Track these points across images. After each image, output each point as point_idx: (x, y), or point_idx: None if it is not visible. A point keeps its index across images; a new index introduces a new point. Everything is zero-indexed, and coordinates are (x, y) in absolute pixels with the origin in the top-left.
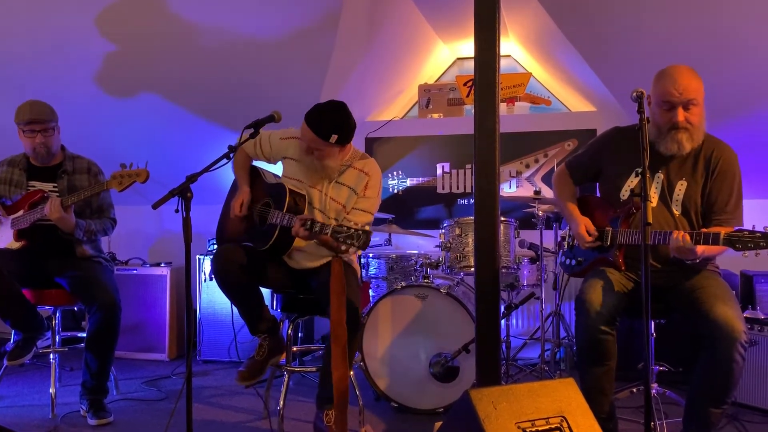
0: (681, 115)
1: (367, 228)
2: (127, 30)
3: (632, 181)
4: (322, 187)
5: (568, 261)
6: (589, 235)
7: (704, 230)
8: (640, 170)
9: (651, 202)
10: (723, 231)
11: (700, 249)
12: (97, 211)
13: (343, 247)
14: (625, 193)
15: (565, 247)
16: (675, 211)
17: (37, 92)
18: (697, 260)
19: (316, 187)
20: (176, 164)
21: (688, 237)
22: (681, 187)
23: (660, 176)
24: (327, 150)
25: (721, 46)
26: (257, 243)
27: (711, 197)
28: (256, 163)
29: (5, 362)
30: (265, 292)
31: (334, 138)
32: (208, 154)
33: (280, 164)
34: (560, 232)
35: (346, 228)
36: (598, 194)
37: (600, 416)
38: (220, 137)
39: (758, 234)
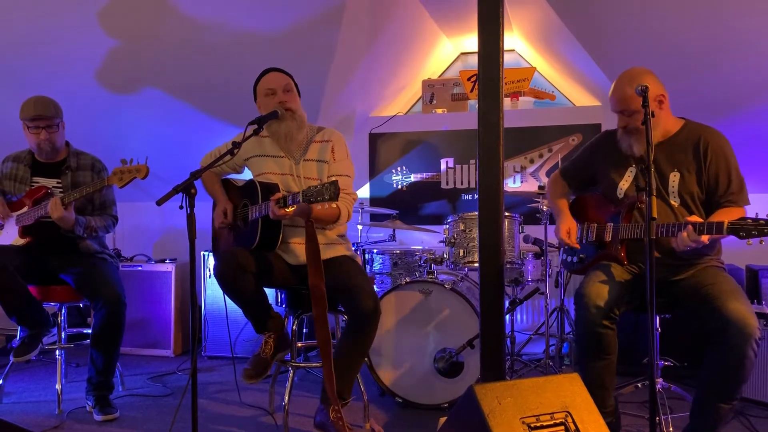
0: (620, 122)
1: (333, 179)
2: (129, 25)
3: (627, 180)
4: (294, 171)
5: (569, 258)
6: (569, 238)
7: (708, 219)
8: (632, 168)
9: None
10: (726, 219)
11: (706, 237)
12: (99, 208)
13: (319, 207)
14: (621, 192)
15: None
16: (673, 203)
17: (39, 86)
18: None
19: (287, 173)
20: (180, 160)
21: (691, 228)
22: (674, 179)
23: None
24: (292, 92)
25: (724, 41)
26: (247, 243)
27: (711, 184)
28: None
29: (11, 359)
30: (269, 289)
31: (291, 78)
32: (211, 150)
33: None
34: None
35: (313, 187)
36: None
37: (602, 410)
38: (224, 133)
39: (762, 221)
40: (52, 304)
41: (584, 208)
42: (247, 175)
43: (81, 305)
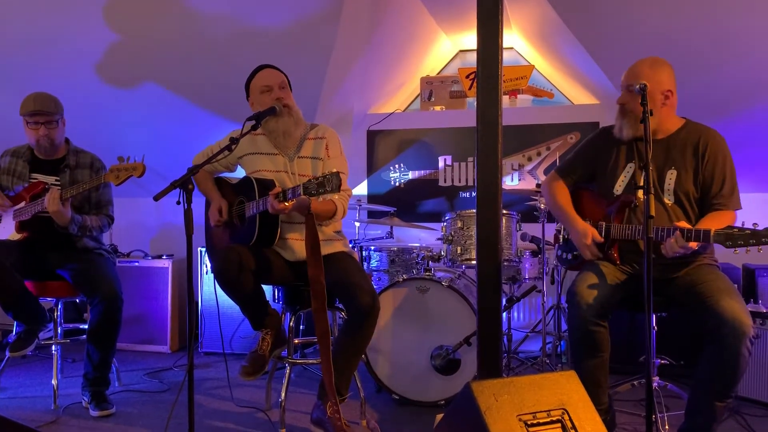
0: (621, 98)
1: (334, 170)
2: (130, 20)
3: (624, 177)
4: (288, 168)
5: (564, 255)
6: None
7: (696, 225)
8: (631, 165)
9: (642, 196)
10: (713, 228)
11: (694, 243)
12: (95, 207)
13: (320, 199)
14: (618, 189)
15: (561, 240)
16: (667, 201)
17: (39, 82)
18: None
19: (282, 170)
20: (178, 156)
21: (679, 234)
22: (671, 176)
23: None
24: (288, 89)
25: (722, 40)
26: (245, 240)
27: (705, 183)
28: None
29: (7, 354)
30: (267, 286)
31: (285, 75)
32: (203, 149)
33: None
34: (556, 225)
35: (314, 179)
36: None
37: (597, 408)
38: (222, 128)
39: (748, 231)
40: (49, 299)
41: (579, 204)
42: (239, 173)
43: (77, 301)
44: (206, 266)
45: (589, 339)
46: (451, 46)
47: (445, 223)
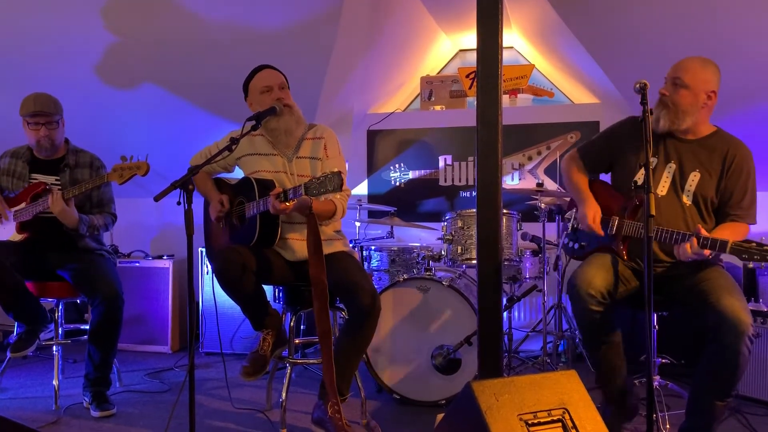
0: (664, 88)
1: (335, 170)
2: (129, 21)
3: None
4: (287, 168)
5: (571, 243)
6: (595, 224)
7: (713, 235)
8: (654, 159)
9: (661, 192)
10: (731, 239)
11: (708, 251)
12: (97, 206)
13: (322, 198)
14: (638, 182)
15: (569, 229)
16: (685, 201)
17: (38, 82)
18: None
19: (281, 171)
20: (178, 156)
21: (695, 241)
22: (694, 178)
23: (672, 166)
24: (287, 90)
25: (722, 40)
26: (245, 240)
27: (726, 193)
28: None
29: (8, 354)
30: (268, 286)
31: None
32: (200, 149)
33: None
34: (567, 214)
35: (315, 179)
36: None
37: (619, 391)
38: (222, 129)
39: (766, 247)
40: (50, 300)
41: (595, 196)
42: (237, 174)
43: (78, 301)
44: (207, 266)
45: (595, 325)
46: (450, 45)
47: (445, 223)
